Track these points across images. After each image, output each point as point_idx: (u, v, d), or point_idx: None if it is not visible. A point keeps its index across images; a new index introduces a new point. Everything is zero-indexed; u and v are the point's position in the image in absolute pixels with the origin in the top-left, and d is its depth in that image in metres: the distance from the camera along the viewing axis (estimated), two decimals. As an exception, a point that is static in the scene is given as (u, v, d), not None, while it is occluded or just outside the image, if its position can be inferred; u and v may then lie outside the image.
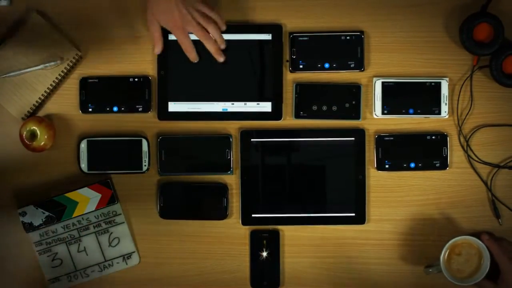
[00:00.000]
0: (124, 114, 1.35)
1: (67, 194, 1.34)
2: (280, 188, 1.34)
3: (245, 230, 1.36)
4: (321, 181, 1.34)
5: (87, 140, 1.34)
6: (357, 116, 1.34)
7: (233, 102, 1.34)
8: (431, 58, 1.35)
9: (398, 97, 1.34)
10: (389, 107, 1.34)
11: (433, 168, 1.34)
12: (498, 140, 1.35)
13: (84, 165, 1.34)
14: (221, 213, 1.34)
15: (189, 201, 1.35)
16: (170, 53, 1.34)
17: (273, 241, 1.34)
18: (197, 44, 1.33)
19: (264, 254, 1.34)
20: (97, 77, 1.35)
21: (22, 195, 1.36)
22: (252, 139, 1.34)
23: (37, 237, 1.35)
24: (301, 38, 1.34)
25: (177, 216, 1.35)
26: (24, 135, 1.31)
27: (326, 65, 1.34)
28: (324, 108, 1.34)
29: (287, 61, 1.35)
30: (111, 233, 1.35)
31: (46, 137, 1.31)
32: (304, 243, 1.35)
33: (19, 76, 1.34)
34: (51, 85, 1.34)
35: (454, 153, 1.35)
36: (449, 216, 1.35)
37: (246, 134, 1.34)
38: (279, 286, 1.35)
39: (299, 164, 1.34)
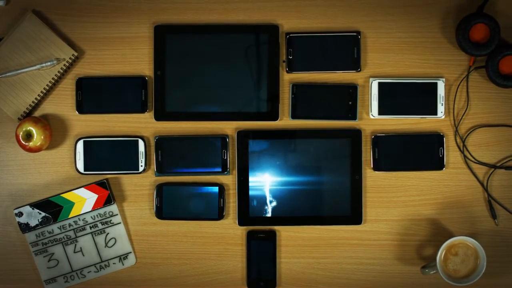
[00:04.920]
0: (121, 114, 1.35)
1: (63, 195, 1.34)
2: (277, 189, 1.34)
3: (242, 231, 1.36)
4: (317, 182, 1.34)
5: (84, 141, 1.34)
6: (353, 117, 1.34)
7: (229, 103, 1.34)
8: (428, 58, 1.35)
9: (395, 98, 1.34)
10: (385, 108, 1.34)
11: (430, 168, 1.34)
12: (495, 140, 1.35)
13: (80, 166, 1.34)
14: (218, 214, 1.34)
15: (185, 202, 1.35)
16: (167, 53, 1.34)
17: (269, 242, 1.34)
18: (194, 44, 1.33)
19: (261, 255, 1.34)
20: (94, 78, 1.35)
21: (18, 196, 1.36)
22: (248, 140, 1.34)
23: (33, 238, 1.35)
24: (297, 39, 1.34)
25: (173, 216, 1.35)
26: (20, 136, 1.31)
27: (323, 66, 1.34)
28: (321, 108, 1.34)
29: (284, 61, 1.35)
30: (108, 233, 1.35)
31: (42, 137, 1.30)
32: (300, 243, 1.35)
33: (15, 76, 1.34)
34: (47, 85, 1.34)
35: (451, 153, 1.35)
36: (445, 216, 1.35)
37: (242, 135, 1.34)
38: (276, 286, 1.35)
39: (296, 165, 1.34)
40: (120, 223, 1.35)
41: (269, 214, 1.34)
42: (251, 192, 1.34)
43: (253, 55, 1.34)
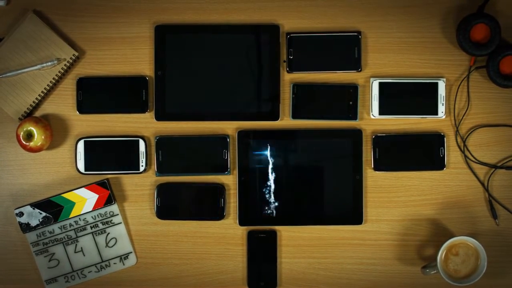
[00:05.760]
0: (121, 114, 1.35)
1: (64, 195, 1.34)
2: (277, 189, 1.34)
3: (242, 231, 1.36)
4: (318, 182, 1.34)
5: (84, 141, 1.34)
6: (354, 117, 1.34)
7: (230, 103, 1.34)
8: (428, 58, 1.35)
9: (395, 98, 1.34)
10: (386, 108, 1.34)
11: (430, 168, 1.34)
12: (495, 140, 1.35)
13: (81, 166, 1.34)
14: (218, 214, 1.34)
15: (186, 202, 1.35)
16: (168, 53, 1.34)
17: (270, 242, 1.34)
18: (195, 44, 1.33)
19: (261, 254, 1.34)
20: (94, 78, 1.35)
21: (19, 196, 1.36)
22: (249, 140, 1.34)
23: (34, 238, 1.35)
24: (298, 39, 1.34)
25: (174, 216, 1.35)
26: (21, 136, 1.31)
27: (323, 66, 1.34)
28: (321, 108, 1.34)
29: (285, 61, 1.35)
30: (108, 233, 1.35)
31: (43, 137, 1.31)
32: (301, 243, 1.35)
33: (16, 76, 1.34)
34: (48, 85, 1.34)
35: (451, 153, 1.35)
36: (446, 216, 1.35)
37: (243, 135, 1.34)
38: (276, 286, 1.35)
39: (296, 165, 1.34)
40: (120, 223, 1.35)
41: (269, 214, 1.34)
42: (251, 192, 1.34)
43: (253, 55, 1.34)
